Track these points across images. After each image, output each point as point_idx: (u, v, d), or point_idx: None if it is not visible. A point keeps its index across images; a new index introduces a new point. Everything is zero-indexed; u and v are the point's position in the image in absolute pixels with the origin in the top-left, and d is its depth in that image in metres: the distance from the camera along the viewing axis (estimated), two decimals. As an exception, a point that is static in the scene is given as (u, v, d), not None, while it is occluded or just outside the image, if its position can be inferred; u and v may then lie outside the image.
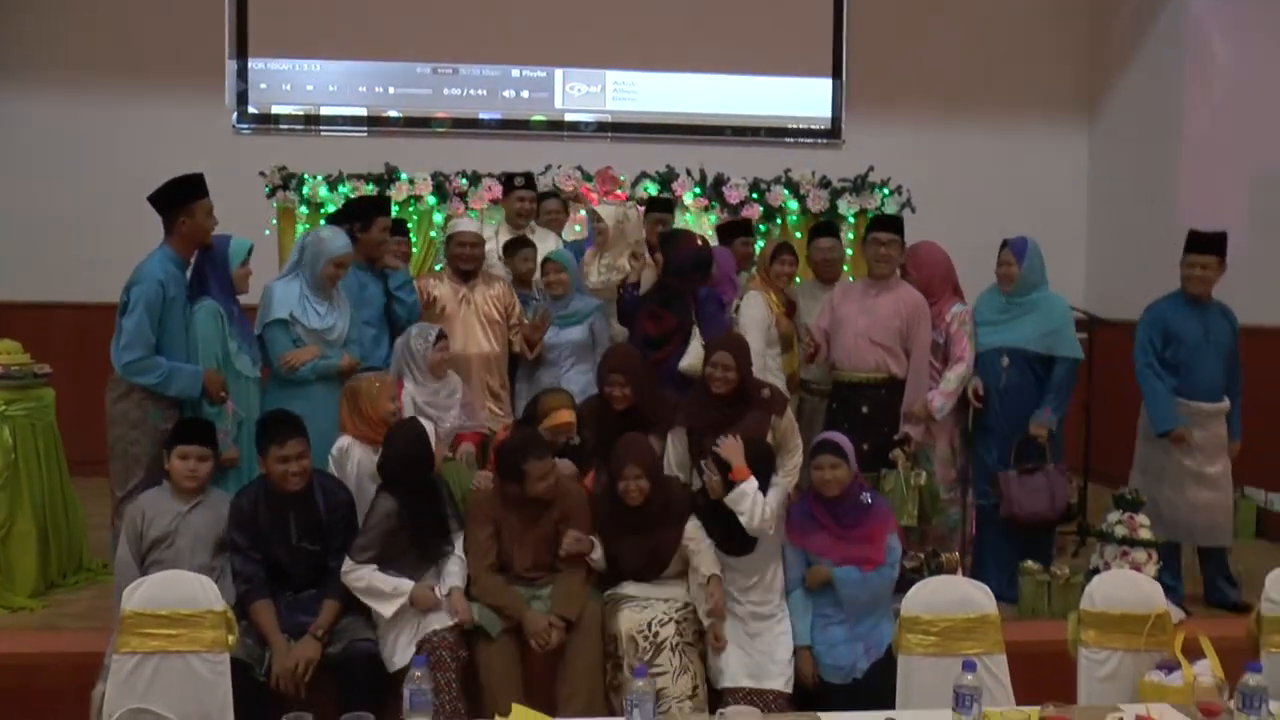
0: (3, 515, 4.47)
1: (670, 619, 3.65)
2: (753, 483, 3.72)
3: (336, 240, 4.32)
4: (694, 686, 3.55)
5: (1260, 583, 3.11)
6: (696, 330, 4.62)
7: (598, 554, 3.81)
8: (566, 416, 4.14)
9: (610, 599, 3.79)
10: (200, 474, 3.66)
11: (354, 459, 3.94)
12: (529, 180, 5.61)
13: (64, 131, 7.22)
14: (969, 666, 2.40)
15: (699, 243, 4.79)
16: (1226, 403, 4.68)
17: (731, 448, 3.78)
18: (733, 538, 3.75)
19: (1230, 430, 4.70)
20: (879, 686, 3.16)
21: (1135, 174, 7.52)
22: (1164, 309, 4.76)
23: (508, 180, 5.61)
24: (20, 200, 7.19)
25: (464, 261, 4.86)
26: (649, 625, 3.60)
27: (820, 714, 2.63)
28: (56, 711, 3.46)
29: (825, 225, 5.65)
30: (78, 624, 4.23)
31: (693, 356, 4.49)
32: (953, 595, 3.06)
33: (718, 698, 3.57)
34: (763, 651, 3.68)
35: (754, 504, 3.70)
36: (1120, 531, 4.38)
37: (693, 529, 3.80)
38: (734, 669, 3.64)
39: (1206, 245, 4.66)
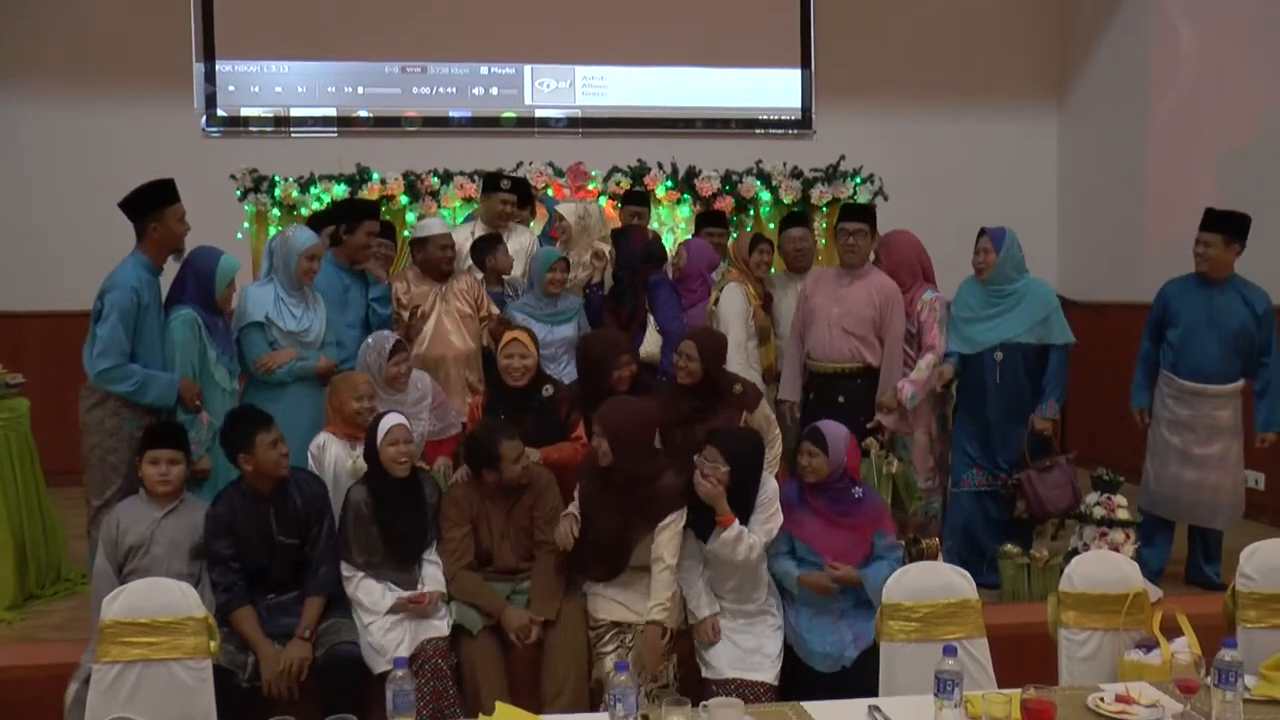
0: (-21, 528, 4.46)
1: (661, 654, 3.58)
2: (736, 526, 3.58)
3: (301, 234, 4.35)
4: None
5: (1237, 560, 3.15)
6: (651, 318, 4.79)
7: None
8: (515, 334, 4.20)
9: (595, 628, 3.70)
10: (172, 477, 3.61)
11: (331, 454, 3.99)
12: (516, 185, 5.50)
13: (32, 138, 7.14)
14: (949, 651, 2.42)
15: (648, 236, 4.95)
16: (1231, 386, 4.65)
17: (712, 492, 3.56)
18: (708, 524, 3.66)
19: (1266, 417, 4.63)
20: (868, 675, 3.13)
21: (1105, 157, 7.58)
22: (1171, 287, 4.80)
23: (491, 179, 5.52)
24: (-12, 209, 7.12)
25: (446, 264, 4.85)
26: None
27: (802, 703, 2.64)
28: (37, 723, 3.43)
29: (796, 215, 5.68)
30: (57, 635, 4.20)
31: (649, 343, 4.73)
32: (934, 581, 3.07)
33: (704, 688, 3.56)
34: (751, 644, 3.65)
35: (738, 547, 3.59)
36: (1099, 513, 4.41)
37: (668, 552, 3.64)
38: (721, 660, 3.61)
39: (1210, 223, 4.65)
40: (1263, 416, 4.66)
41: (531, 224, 5.87)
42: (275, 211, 6.64)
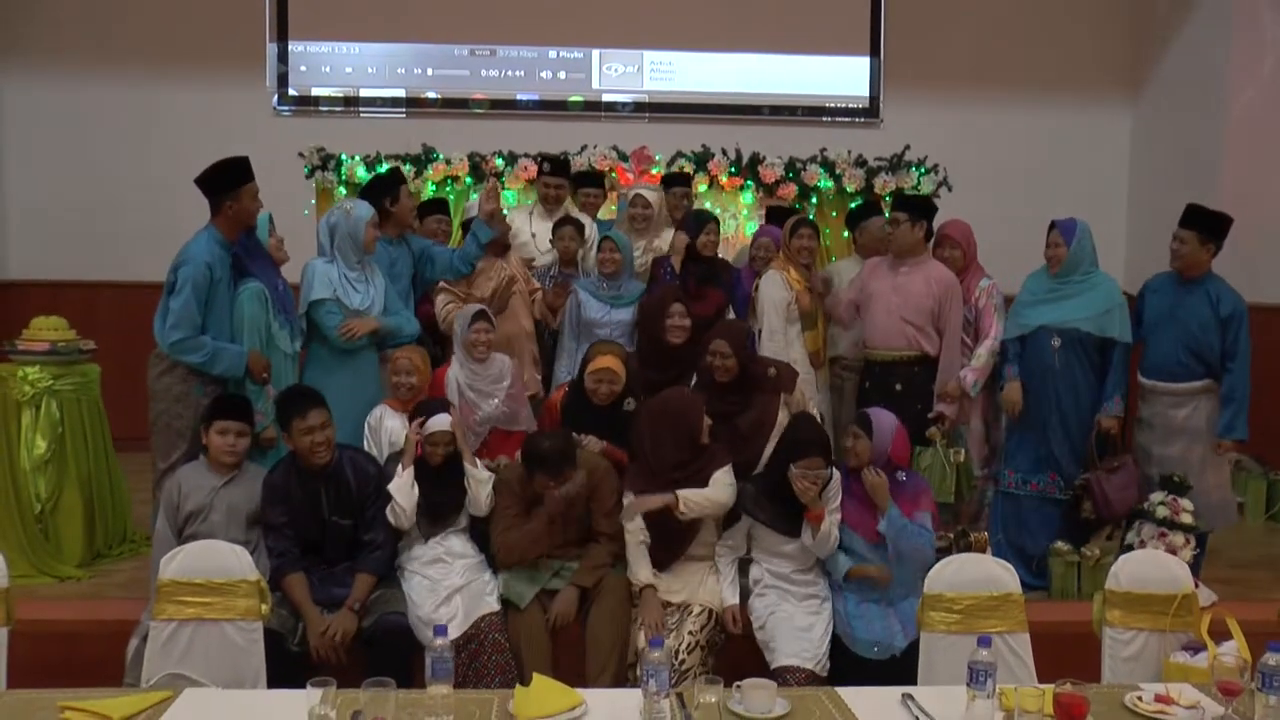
0: (50, 488, 4.64)
1: (696, 644, 3.63)
2: (829, 518, 3.66)
3: (361, 206, 4.46)
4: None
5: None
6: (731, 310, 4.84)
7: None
8: (606, 362, 4.12)
9: (637, 604, 3.76)
10: (239, 449, 3.74)
11: (387, 426, 4.09)
12: (555, 165, 5.55)
13: (109, 114, 7.34)
14: (984, 642, 2.40)
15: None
16: (1184, 385, 4.50)
17: (817, 497, 3.64)
18: (788, 518, 3.71)
19: (1223, 424, 4.46)
20: (916, 666, 3.11)
21: (1179, 152, 7.36)
22: (1150, 282, 4.72)
23: (540, 163, 5.58)
24: (66, 182, 7.33)
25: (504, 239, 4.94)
26: (676, 651, 3.57)
27: (837, 689, 2.65)
28: (101, 676, 3.54)
29: (873, 205, 5.57)
30: (121, 593, 4.35)
31: None
32: (977, 574, 3.06)
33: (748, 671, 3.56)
34: (799, 629, 3.65)
35: (830, 538, 3.68)
36: (1162, 512, 4.29)
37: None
38: (771, 647, 3.62)
39: (1187, 219, 4.55)
40: (1223, 423, 4.48)
41: (614, 206, 5.91)
42: (341, 190, 6.75)
